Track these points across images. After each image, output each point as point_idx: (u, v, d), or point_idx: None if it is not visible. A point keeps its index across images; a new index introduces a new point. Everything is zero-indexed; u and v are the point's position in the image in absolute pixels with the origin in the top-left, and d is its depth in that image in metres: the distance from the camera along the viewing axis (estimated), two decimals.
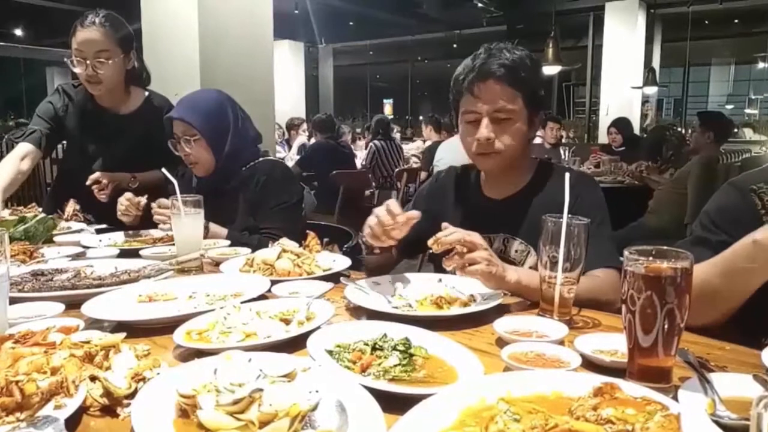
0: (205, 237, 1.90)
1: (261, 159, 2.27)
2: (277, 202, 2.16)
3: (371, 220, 1.51)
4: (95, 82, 2.41)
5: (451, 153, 4.74)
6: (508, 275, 1.36)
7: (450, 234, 1.36)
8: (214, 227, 2.04)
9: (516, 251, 1.65)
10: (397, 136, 9.14)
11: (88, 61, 2.36)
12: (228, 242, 1.99)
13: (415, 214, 1.47)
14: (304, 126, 8.73)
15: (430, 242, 1.38)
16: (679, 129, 10.49)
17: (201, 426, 0.78)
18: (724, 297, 1.20)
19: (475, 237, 1.37)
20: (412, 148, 8.59)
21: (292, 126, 8.72)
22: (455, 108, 1.68)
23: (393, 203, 1.48)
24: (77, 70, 2.37)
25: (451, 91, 1.68)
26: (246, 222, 2.17)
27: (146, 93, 2.64)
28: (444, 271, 1.49)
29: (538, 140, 7.45)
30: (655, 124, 11.31)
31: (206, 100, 2.21)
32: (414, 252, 1.94)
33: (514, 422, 0.75)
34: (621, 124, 6.88)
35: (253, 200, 2.18)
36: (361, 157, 7.39)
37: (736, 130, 11.55)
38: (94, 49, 2.33)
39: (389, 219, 1.46)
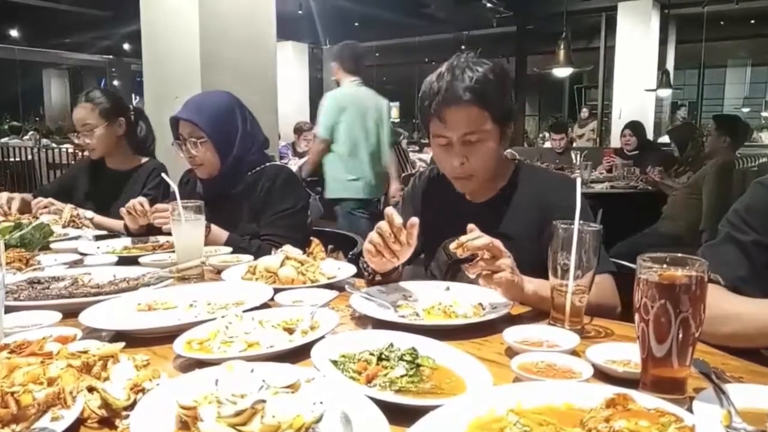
0: (206, 236, 1.87)
1: (267, 164, 2.25)
2: (281, 208, 2.14)
3: (370, 236, 1.45)
4: (90, 150, 2.79)
5: None
6: (526, 286, 1.34)
7: (476, 238, 1.30)
8: (215, 229, 2.02)
9: None
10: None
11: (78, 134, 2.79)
12: (229, 249, 1.98)
13: (415, 221, 1.40)
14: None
15: (453, 246, 1.31)
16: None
17: None
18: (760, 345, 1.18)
19: (499, 243, 1.31)
20: (420, 158, 8.48)
21: (300, 130, 8.62)
22: (426, 127, 1.63)
23: (391, 210, 1.41)
24: (76, 141, 2.82)
25: (419, 110, 1.64)
26: (249, 229, 2.15)
27: (145, 159, 2.87)
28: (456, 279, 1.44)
29: (548, 144, 7.41)
30: (671, 127, 11.18)
31: (215, 102, 2.19)
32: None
33: None
34: (636, 127, 6.79)
35: (257, 207, 2.16)
36: None
37: (755, 134, 11.46)
38: (80, 124, 2.74)
39: (389, 229, 1.40)
